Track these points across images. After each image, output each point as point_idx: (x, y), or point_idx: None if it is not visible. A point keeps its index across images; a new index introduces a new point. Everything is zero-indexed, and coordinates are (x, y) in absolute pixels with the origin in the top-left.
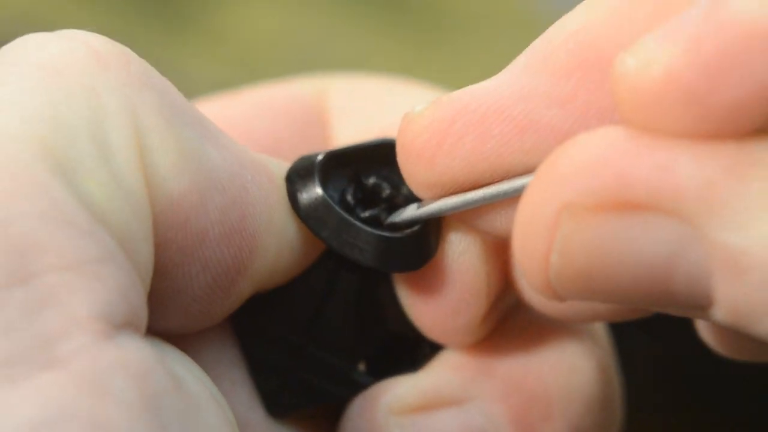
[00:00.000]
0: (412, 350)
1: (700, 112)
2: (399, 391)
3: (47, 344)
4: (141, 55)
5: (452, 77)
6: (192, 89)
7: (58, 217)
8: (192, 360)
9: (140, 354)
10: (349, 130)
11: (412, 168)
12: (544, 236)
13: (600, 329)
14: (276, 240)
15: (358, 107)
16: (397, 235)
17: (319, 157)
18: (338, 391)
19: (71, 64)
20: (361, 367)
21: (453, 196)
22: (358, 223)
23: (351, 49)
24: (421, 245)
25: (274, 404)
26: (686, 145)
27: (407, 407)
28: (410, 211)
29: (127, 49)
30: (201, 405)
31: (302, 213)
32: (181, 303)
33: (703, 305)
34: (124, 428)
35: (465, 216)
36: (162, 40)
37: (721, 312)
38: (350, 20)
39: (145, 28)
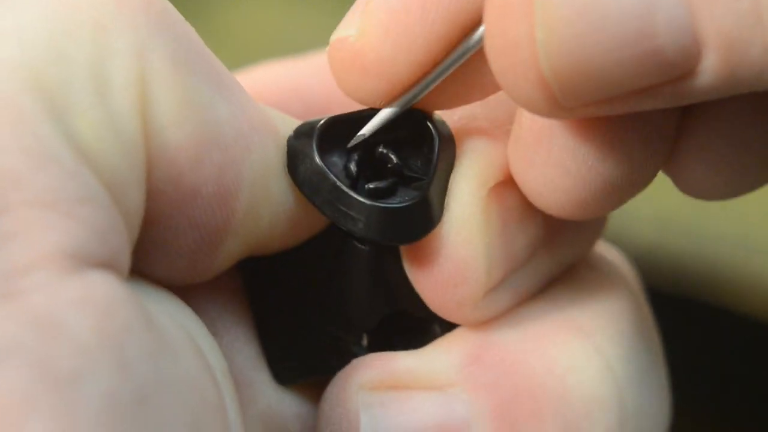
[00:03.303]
0: (420, 329)
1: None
2: (376, 365)
3: (7, 276)
4: None
5: None
6: None
7: (39, 152)
8: (184, 305)
9: (107, 291)
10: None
11: (362, 84)
12: (523, 11)
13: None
14: (271, 206)
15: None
16: (393, 205)
17: (320, 122)
18: (339, 364)
19: None
20: (365, 341)
21: (415, 85)
22: (351, 192)
23: None
24: (417, 217)
25: (278, 370)
26: None
27: (379, 384)
28: (383, 113)
29: None
30: (175, 348)
31: (297, 179)
32: (167, 255)
33: (693, 56)
34: (74, 365)
35: (437, 102)
36: None
37: (712, 57)
38: None
39: None
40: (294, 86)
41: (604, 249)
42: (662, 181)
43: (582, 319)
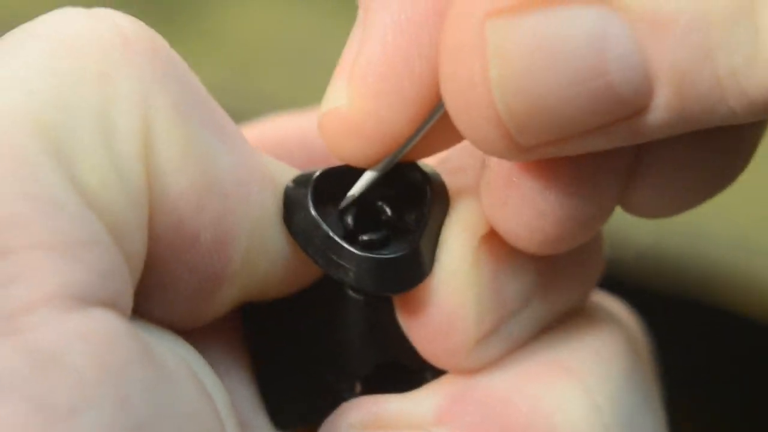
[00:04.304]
0: (412, 377)
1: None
2: (365, 407)
3: (9, 315)
4: None
5: None
6: None
7: (44, 197)
8: (187, 345)
9: (107, 326)
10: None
11: (358, 150)
12: (477, 52)
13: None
14: (268, 255)
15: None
16: (383, 256)
17: (316, 173)
18: (332, 410)
19: (91, 45)
20: (358, 388)
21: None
22: (343, 243)
23: None
24: (407, 268)
25: (275, 415)
26: None
27: (367, 424)
28: (366, 176)
29: (157, 36)
30: (177, 381)
31: (292, 228)
32: (166, 298)
33: (645, 92)
34: (71, 399)
35: (416, 153)
36: None
37: (664, 92)
38: (350, 21)
39: None
40: (299, 139)
41: (602, 297)
42: None
43: (571, 360)
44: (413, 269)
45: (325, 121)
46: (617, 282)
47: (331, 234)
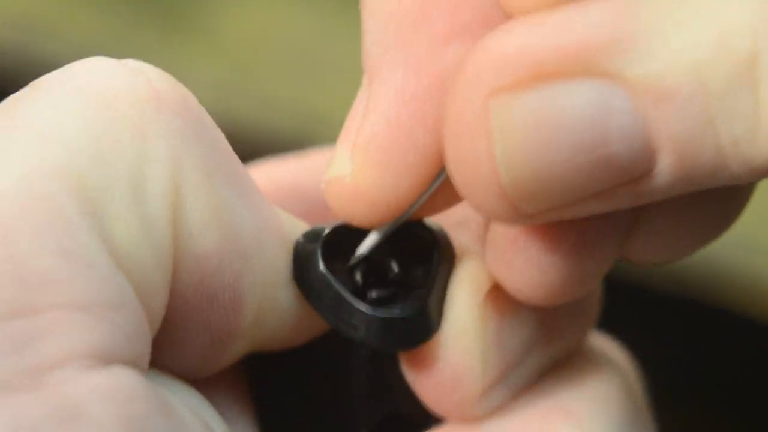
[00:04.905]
0: (418, 428)
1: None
2: None
3: (35, 371)
4: (140, 56)
5: None
6: (190, 89)
7: (77, 256)
8: (199, 395)
9: (128, 382)
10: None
11: (364, 215)
12: (481, 130)
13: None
14: (279, 312)
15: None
16: (392, 316)
17: (326, 230)
18: None
19: (127, 101)
20: None
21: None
22: (352, 301)
23: (351, 50)
24: (415, 326)
25: None
26: (573, 8)
27: None
28: (373, 236)
29: (188, 93)
30: None
31: (302, 284)
32: (180, 352)
33: (646, 160)
34: None
35: (422, 211)
36: (160, 40)
37: (666, 160)
38: (350, 21)
39: (144, 28)
40: (292, 185)
41: (599, 340)
42: None
43: (570, 403)
44: (422, 327)
45: (330, 187)
46: (618, 282)
47: (341, 292)
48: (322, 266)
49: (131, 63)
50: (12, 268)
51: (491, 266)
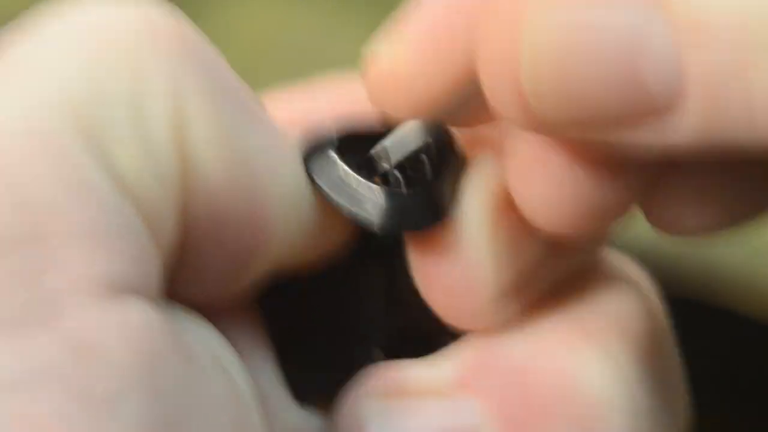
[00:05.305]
0: (431, 340)
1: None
2: (384, 375)
3: (45, 303)
4: None
5: None
6: None
7: (80, 184)
8: (212, 328)
9: (142, 316)
10: None
11: (401, 103)
12: (513, 32)
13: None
14: (298, 228)
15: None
16: (402, 191)
17: (339, 130)
18: (352, 379)
19: (122, 33)
20: (378, 356)
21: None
22: (361, 179)
23: (351, 50)
24: (425, 205)
25: (297, 387)
26: None
27: (387, 392)
28: (405, 126)
29: (186, 26)
30: (206, 373)
31: (312, 175)
32: (197, 278)
33: (674, 91)
34: (110, 389)
35: (451, 120)
36: None
37: (694, 103)
38: (351, 21)
39: None
40: (302, 116)
41: (616, 257)
42: None
43: (590, 323)
44: (431, 207)
45: (370, 76)
46: None
47: (351, 172)
48: (329, 149)
49: (128, 2)
50: (13, 198)
51: (511, 181)
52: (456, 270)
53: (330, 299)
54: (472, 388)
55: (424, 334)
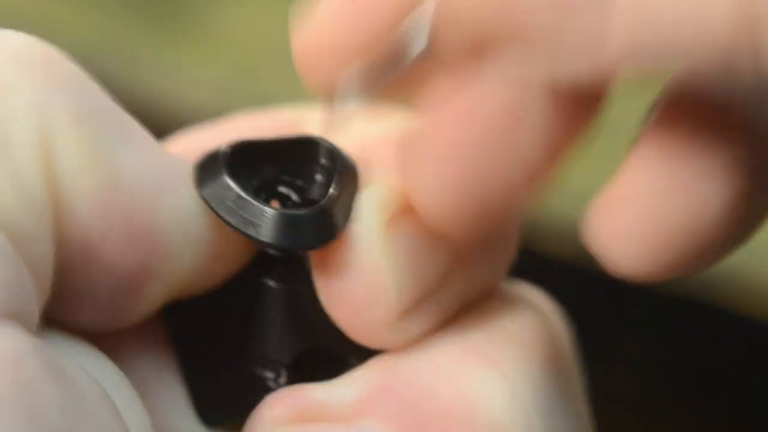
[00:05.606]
0: (338, 363)
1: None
2: (287, 401)
3: None
4: (140, 56)
5: None
6: (190, 90)
7: None
8: (102, 357)
9: (14, 342)
10: None
11: (323, 67)
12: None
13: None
14: (192, 248)
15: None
16: (290, 211)
17: (227, 145)
18: (260, 402)
19: None
20: (284, 377)
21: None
22: (253, 200)
23: None
24: (317, 224)
25: (203, 412)
26: None
27: (290, 417)
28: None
29: (51, 50)
30: (86, 402)
31: (203, 193)
32: (86, 300)
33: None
34: None
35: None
36: (160, 40)
37: (618, 17)
38: None
39: (143, 29)
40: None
41: (519, 286)
42: None
43: (490, 348)
44: (323, 226)
45: (297, 53)
46: (617, 282)
47: (242, 194)
48: (222, 172)
49: None
50: None
51: (403, 173)
52: (358, 288)
53: (231, 318)
54: (374, 412)
55: (330, 355)
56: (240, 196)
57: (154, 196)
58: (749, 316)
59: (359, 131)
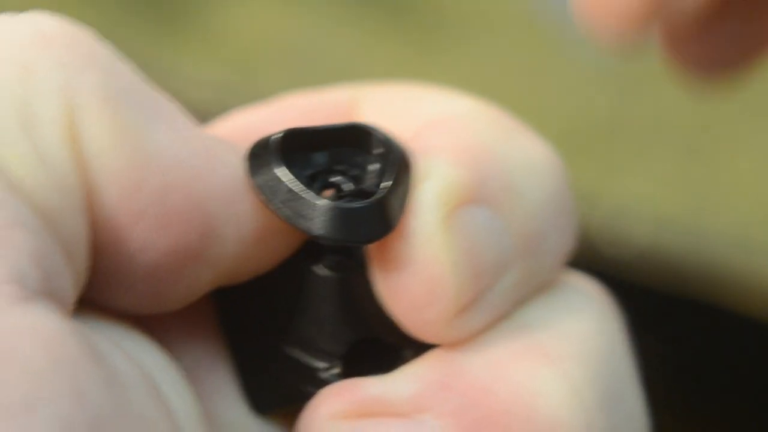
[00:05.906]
0: (392, 354)
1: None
2: (344, 395)
3: None
4: (139, 56)
5: (453, 78)
6: (191, 90)
7: None
8: (147, 343)
9: (53, 322)
10: None
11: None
12: None
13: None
14: (236, 229)
15: (390, 115)
16: (345, 204)
17: (277, 134)
18: (313, 391)
19: (10, 44)
20: (337, 367)
21: None
22: (306, 192)
23: (351, 50)
24: (372, 217)
25: (255, 402)
26: None
27: (347, 413)
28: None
29: (77, 29)
30: (127, 387)
31: (254, 183)
32: (123, 282)
33: None
34: (26, 390)
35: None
36: (160, 40)
37: None
38: (350, 21)
39: (144, 28)
40: (244, 136)
41: (576, 277)
42: (662, 181)
43: (549, 345)
44: (379, 218)
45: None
46: (617, 282)
47: (296, 185)
48: (274, 162)
49: (17, 15)
50: None
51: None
52: (417, 284)
53: (283, 307)
54: (431, 407)
55: (385, 346)
56: (293, 188)
57: (190, 177)
58: (749, 316)
59: (413, 116)
